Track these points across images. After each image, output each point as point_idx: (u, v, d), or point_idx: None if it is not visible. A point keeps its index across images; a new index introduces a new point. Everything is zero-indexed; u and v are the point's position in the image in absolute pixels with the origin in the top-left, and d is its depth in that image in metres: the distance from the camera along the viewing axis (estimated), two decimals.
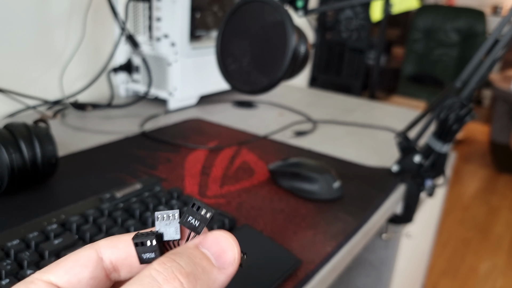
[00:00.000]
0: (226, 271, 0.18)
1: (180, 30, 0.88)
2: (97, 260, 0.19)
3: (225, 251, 0.18)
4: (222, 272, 0.17)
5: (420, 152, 0.67)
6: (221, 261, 0.18)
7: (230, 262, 0.18)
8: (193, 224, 0.19)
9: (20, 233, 0.44)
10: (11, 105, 0.83)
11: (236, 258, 0.18)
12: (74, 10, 0.90)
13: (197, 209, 0.19)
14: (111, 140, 0.75)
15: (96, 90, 0.96)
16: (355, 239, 0.55)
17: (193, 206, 0.19)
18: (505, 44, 0.61)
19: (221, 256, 0.18)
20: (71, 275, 0.19)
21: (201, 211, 0.19)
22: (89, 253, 0.19)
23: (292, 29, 0.61)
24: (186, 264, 0.17)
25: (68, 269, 0.19)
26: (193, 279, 0.16)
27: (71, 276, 0.19)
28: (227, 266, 0.18)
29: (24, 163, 0.55)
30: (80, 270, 0.19)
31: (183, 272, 0.16)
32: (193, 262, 0.17)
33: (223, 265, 0.18)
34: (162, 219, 0.20)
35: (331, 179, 0.61)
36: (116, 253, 0.19)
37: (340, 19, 1.98)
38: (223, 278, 0.17)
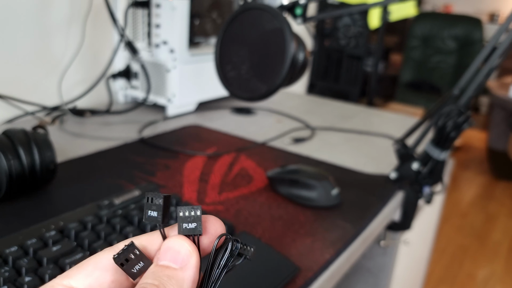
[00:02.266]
0: (188, 265, 0.19)
1: (179, 37, 0.88)
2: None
3: (178, 252, 0.20)
4: (186, 269, 0.19)
5: (418, 159, 0.67)
6: (179, 261, 0.19)
7: (187, 257, 0.20)
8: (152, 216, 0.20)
9: (18, 240, 0.44)
10: (10, 111, 0.83)
11: (190, 250, 0.20)
12: (73, 17, 0.90)
13: (151, 201, 0.20)
14: (109, 147, 0.75)
15: (94, 96, 0.96)
16: (354, 246, 0.55)
17: (148, 200, 0.21)
18: (503, 52, 0.61)
19: (176, 258, 0.19)
20: (92, 279, 0.19)
21: (156, 201, 0.20)
22: (109, 256, 0.20)
23: (290, 36, 0.61)
24: (153, 279, 0.19)
25: (88, 273, 0.19)
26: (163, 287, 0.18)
27: (92, 280, 0.19)
28: (186, 262, 0.19)
29: (23, 169, 0.54)
30: (101, 274, 0.19)
31: (153, 286, 0.18)
32: (158, 275, 0.19)
33: (183, 263, 0.19)
34: (151, 202, 0.21)
35: (329, 186, 0.62)
36: None
37: (338, 26, 1.99)
38: (190, 272, 0.19)
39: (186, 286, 0.19)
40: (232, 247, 0.20)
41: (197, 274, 0.20)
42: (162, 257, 0.20)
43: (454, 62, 3.29)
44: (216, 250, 0.21)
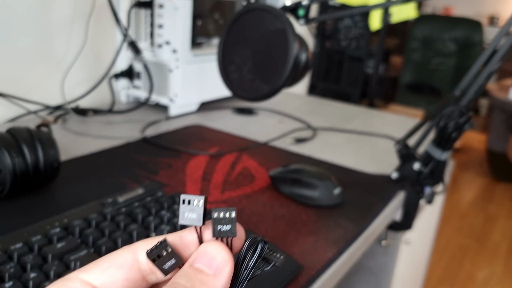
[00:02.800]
0: (222, 273, 0.20)
1: (182, 37, 0.89)
2: (132, 262, 0.20)
3: (214, 258, 0.20)
4: (219, 276, 0.19)
5: (420, 160, 0.67)
6: (214, 267, 0.20)
7: (223, 265, 0.20)
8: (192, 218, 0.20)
9: (23, 237, 0.44)
10: (13, 109, 0.83)
11: (226, 259, 0.20)
12: (76, 16, 0.91)
13: (188, 203, 0.20)
14: (112, 146, 0.75)
15: (97, 96, 0.97)
16: (356, 245, 0.56)
17: (184, 203, 0.21)
18: (503, 55, 0.62)
19: (212, 263, 0.20)
20: (107, 275, 0.20)
21: (193, 203, 0.20)
22: (125, 255, 0.20)
23: (293, 37, 0.62)
24: (185, 281, 0.19)
25: (104, 269, 0.20)
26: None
27: (107, 277, 0.20)
28: (220, 269, 0.20)
29: (27, 167, 0.55)
30: (116, 271, 0.20)
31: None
32: (191, 278, 0.19)
33: (217, 270, 0.20)
34: (188, 203, 0.20)
35: (331, 186, 0.62)
36: None
37: (339, 28, 2.00)
38: (222, 280, 0.20)
39: None
40: (262, 249, 0.21)
41: (229, 283, 0.20)
42: (198, 260, 0.20)
43: (454, 64, 3.30)
44: (246, 251, 0.21)
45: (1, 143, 0.54)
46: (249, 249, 0.21)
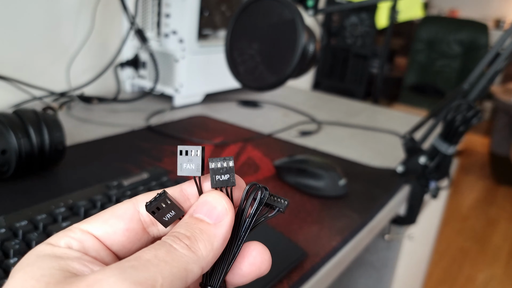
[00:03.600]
0: (222, 223, 0.20)
1: (189, 27, 0.89)
2: (133, 213, 0.20)
3: (215, 207, 0.20)
4: (219, 225, 0.20)
5: (426, 153, 0.67)
6: (214, 217, 0.20)
7: (223, 214, 0.20)
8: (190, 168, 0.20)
9: (28, 215, 0.44)
10: (18, 95, 0.83)
11: (226, 208, 0.20)
12: (84, 3, 0.91)
13: (186, 154, 0.20)
14: (116, 133, 0.75)
15: (102, 84, 0.97)
16: (360, 236, 0.55)
17: (181, 154, 0.20)
18: (507, 57, 0.61)
19: (212, 213, 0.20)
20: (108, 226, 0.20)
21: (191, 153, 0.20)
22: (126, 206, 0.20)
23: (302, 27, 0.61)
24: (185, 230, 0.19)
25: (105, 220, 0.20)
26: (194, 240, 0.19)
27: (108, 227, 0.20)
28: (221, 218, 0.20)
29: (32, 148, 0.55)
30: (116, 222, 0.20)
31: (185, 236, 0.19)
32: (191, 228, 0.19)
33: (217, 219, 0.20)
34: (185, 154, 0.20)
35: (336, 177, 0.62)
36: None
37: (345, 25, 1.99)
38: (222, 229, 0.20)
39: (217, 242, 0.19)
40: (263, 195, 0.20)
41: (229, 232, 0.20)
42: (198, 209, 0.20)
43: (459, 66, 3.29)
44: (246, 198, 0.21)
45: (7, 123, 0.54)
46: (249, 196, 0.21)
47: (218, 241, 0.19)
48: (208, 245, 0.19)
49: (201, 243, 0.19)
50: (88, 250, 0.19)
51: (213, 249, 0.19)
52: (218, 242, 0.19)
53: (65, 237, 0.19)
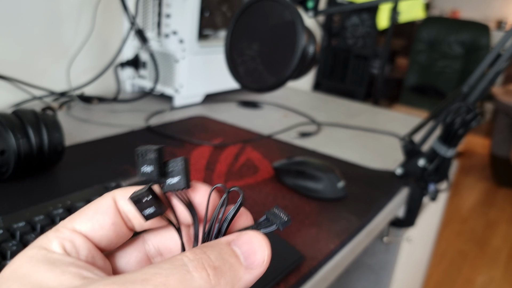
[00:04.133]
0: (253, 271, 0.18)
1: (189, 28, 0.89)
2: (115, 207, 0.20)
3: (256, 252, 0.18)
4: (249, 272, 0.18)
5: (425, 156, 0.67)
6: (250, 261, 0.18)
7: (259, 264, 0.18)
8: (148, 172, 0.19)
9: (26, 216, 0.44)
10: (18, 94, 0.83)
11: (265, 261, 0.18)
12: (84, 3, 0.91)
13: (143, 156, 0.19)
14: (116, 133, 0.75)
15: (102, 84, 0.97)
16: (358, 238, 0.55)
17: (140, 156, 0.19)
18: (508, 58, 0.61)
19: (250, 256, 0.18)
20: (94, 222, 0.19)
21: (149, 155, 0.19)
22: (107, 201, 0.20)
23: (302, 28, 0.61)
24: (215, 258, 0.17)
25: (90, 216, 0.20)
26: (219, 273, 0.17)
27: (94, 223, 0.19)
28: (255, 267, 0.18)
29: (31, 149, 0.55)
30: (102, 217, 0.20)
31: (211, 265, 0.17)
32: (222, 258, 0.17)
33: (251, 265, 0.18)
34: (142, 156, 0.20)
35: (335, 179, 0.62)
36: (127, 205, 0.20)
37: (346, 26, 1.99)
38: (249, 277, 0.18)
39: (238, 286, 0.18)
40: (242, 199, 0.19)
41: (253, 283, 0.18)
42: (239, 243, 0.18)
43: (460, 67, 3.29)
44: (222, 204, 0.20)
45: (6, 123, 0.54)
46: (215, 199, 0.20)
47: (240, 286, 0.18)
48: (229, 285, 0.17)
49: (224, 280, 0.17)
50: (79, 249, 0.19)
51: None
52: (240, 287, 0.18)
53: (56, 238, 0.19)
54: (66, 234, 0.19)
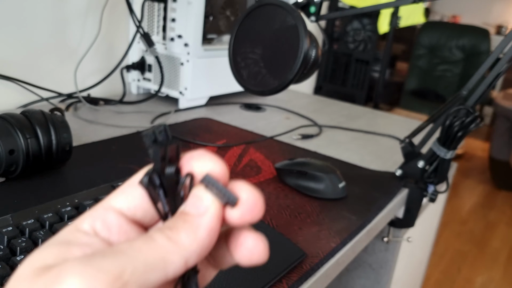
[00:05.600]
0: (207, 214, 0.19)
1: (194, 32, 0.90)
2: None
3: (201, 198, 0.19)
4: (203, 215, 0.19)
5: (424, 158, 0.68)
6: (200, 208, 0.19)
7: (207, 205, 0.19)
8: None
9: (35, 214, 0.45)
10: (26, 95, 0.85)
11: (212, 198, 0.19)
12: (91, 7, 0.92)
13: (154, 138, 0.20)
14: (122, 134, 0.76)
15: (108, 86, 0.98)
16: (358, 237, 0.57)
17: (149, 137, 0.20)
18: (508, 61, 0.63)
19: (197, 204, 0.19)
20: (126, 195, 0.20)
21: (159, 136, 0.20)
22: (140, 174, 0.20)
23: (305, 33, 0.63)
24: (169, 223, 0.19)
25: (124, 190, 0.20)
26: (176, 230, 0.18)
27: (126, 196, 0.20)
28: (205, 209, 0.19)
29: (39, 149, 0.56)
30: (133, 189, 0.20)
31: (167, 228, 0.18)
32: (175, 220, 0.19)
33: (201, 210, 0.19)
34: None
35: (336, 179, 0.63)
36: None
37: (348, 30, 2.01)
38: (207, 218, 0.19)
39: (201, 232, 0.18)
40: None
41: (216, 223, 0.19)
42: (185, 203, 0.20)
43: (460, 72, 3.30)
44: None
45: (15, 124, 0.55)
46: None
47: (203, 231, 0.18)
48: (192, 235, 0.18)
49: (183, 233, 0.18)
50: (111, 226, 0.19)
51: (196, 239, 0.18)
52: (203, 232, 0.18)
53: (89, 218, 0.19)
54: (99, 212, 0.20)
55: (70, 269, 0.15)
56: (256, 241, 0.20)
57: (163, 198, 0.20)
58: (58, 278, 0.15)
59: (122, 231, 0.19)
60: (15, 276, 0.17)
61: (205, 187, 0.20)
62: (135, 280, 0.16)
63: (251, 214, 0.20)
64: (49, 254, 0.17)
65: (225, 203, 0.20)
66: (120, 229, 0.19)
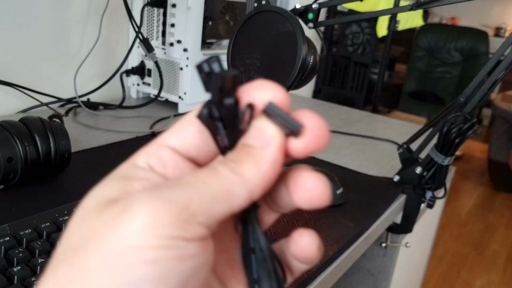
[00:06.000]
0: (271, 143, 0.18)
1: (193, 36, 0.91)
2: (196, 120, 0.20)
3: (263, 130, 0.19)
4: (266, 147, 0.18)
5: (422, 164, 0.69)
6: (262, 140, 0.18)
7: (271, 136, 0.18)
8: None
9: (33, 223, 0.45)
10: (25, 101, 0.85)
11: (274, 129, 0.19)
12: (91, 12, 0.93)
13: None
14: (121, 139, 0.77)
15: (108, 91, 0.98)
16: (356, 245, 0.57)
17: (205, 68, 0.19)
18: (508, 64, 0.63)
19: (259, 136, 0.19)
20: (179, 132, 0.20)
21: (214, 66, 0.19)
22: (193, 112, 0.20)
23: (302, 39, 0.63)
24: (232, 155, 0.18)
25: (177, 128, 0.20)
26: (240, 163, 0.18)
27: (180, 133, 0.20)
28: (268, 141, 0.18)
29: (38, 156, 0.56)
30: (186, 126, 0.20)
31: (230, 161, 0.18)
32: (238, 153, 0.18)
33: (266, 142, 0.18)
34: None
35: (334, 186, 0.63)
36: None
37: (347, 34, 2.01)
38: (270, 150, 0.18)
39: (265, 164, 0.18)
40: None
41: (280, 154, 0.18)
42: (246, 135, 0.19)
43: (459, 74, 3.31)
44: None
45: (14, 131, 0.55)
46: None
47: (266, 163, 0.18)
48: (255, 167, 0.18)
49: (247, 165, 0.18)
50: (166, 162, 0.19)
51: (260, 172, 0.18)
52: (266, 164, 0.18)
53: (144, 154, 0.19)
54: (153, 148, 0.19)
55: (138, 200, 0.16)
56: (316, 181, 0.19)
57: (223, 131, 0.19)
58: (127, 209, 0.15)
59: (177, 167, 0.19)
60: (80, 209, 0.17)
61: (267, 118, 0.19)
62: (202, 211, 0.16)
63: (317, 142, 0.19)
64: (111, 188, 0.17)
65: (289, 133, 0.19)
66: (175, 165, 0.19)
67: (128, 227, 0.15)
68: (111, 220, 0.16)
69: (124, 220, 0.15)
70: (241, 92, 0.19)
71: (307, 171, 0.20)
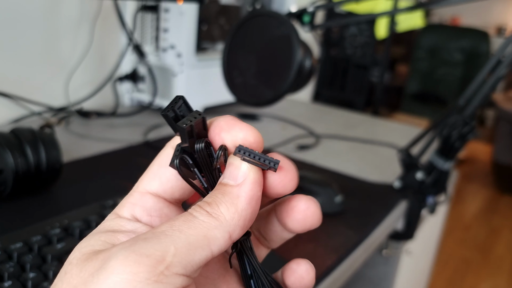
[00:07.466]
0: (245, 183, 0.18)
1: (187, 42, 0.89)
2: None
3: (237, 167, 0.18)
4: (242, 184, 0.18)
5: (423, 169, 0.67)
6: (237, 177, 0.18)
7: (244, 173, 0.18)
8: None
9: (23, 237, 0.44)
10: (17, 110, 0.83)
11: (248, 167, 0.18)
12: (82, 19, 0.91)
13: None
14: (114, 148, 0.75)
15: (101, 99, 0.97)
16: (356, 254, 0.55)
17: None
18: (509, 64, 0.61)
19: (234, 173, 0.18)
20: (160, 176, 0.19)
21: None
22: (167, 151, 0.20)
23: (298, 43, 0.62)
24: (207, 198, 0.18)
25: (155, 172, 0.19)
26: (215, 205, 0.17)
27: (161, 177, 0.19)
28: (243, 177, 0.18)
29: (29, 168, 0.55)
30: (165, 170, 0.19)
31: (205, 204, 0.18)
32: (213, 194, 0.18)
33: (239, 179, 0.18)
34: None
35: (333, 193, 0.62)
36: None
37: (345, 36, 2.00)
38: (245, 187, 0.18)
39: (241, 203, 0.18)
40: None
41: (257, 191, 0.18)
42: (223, 175, 0.19)
43: (461, 74, 3.29)
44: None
45: (4, 143, 0.54)
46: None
47: (243, 202, 0.18)
48: (232, 207, 0.17)
49: (223, 206, 0.17)
50: (150, 211, 0.19)
51: (237, 211, 0.17)
52: (243, 202, 0.18)
53: (128, 204, 0.19)
54: (136, 198, 0.19)
55: (114, 256, 0.16)
56: (308, 202, 0.20)
57: (199, 175, 0.19)
58: (104, 266, 0.16)
59: (163, 214, 0.19)
60: (67, 262, 0.17)
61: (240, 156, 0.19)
62: (178, 260, 0.16)
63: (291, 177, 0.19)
64: (97, 241, 0.17)
65: (267, 169, 0.18)
66: (161, 212, 0.19)
67: (105, 284, 0.15)
68: (88, 277, 0.16)
69: (101, 278, 0.15)
70: (212, 133, 0.19)
71: (297, 195, 0.20)
